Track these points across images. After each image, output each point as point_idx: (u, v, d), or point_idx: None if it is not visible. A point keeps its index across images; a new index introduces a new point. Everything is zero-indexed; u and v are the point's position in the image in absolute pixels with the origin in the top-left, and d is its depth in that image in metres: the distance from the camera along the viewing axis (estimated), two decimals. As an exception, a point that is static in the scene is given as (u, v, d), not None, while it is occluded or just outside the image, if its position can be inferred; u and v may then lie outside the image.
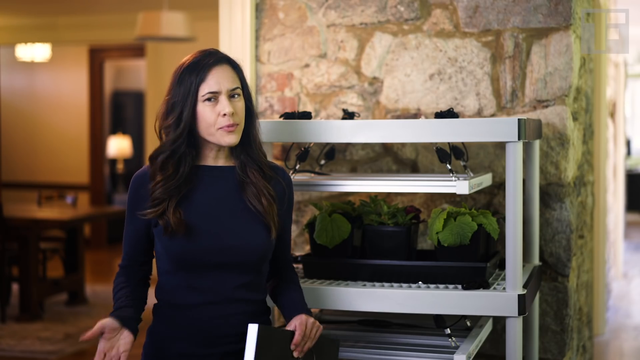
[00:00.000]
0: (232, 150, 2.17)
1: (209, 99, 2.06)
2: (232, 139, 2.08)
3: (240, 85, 2.12)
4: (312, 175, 2.74)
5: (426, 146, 3.06)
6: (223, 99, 2.07)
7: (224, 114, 2.05)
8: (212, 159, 2.14)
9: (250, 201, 2.11)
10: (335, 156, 3.09)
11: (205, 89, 2.06)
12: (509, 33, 2.96)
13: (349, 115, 2.83)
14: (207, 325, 2.07)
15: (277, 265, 2.26)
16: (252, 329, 1.98)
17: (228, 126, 2.06)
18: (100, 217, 7.56)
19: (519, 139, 2.30)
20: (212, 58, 2.09)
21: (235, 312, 2.09)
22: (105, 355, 2.00)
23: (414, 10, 3.06)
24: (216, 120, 2.06)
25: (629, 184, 11.40)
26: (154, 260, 2.19)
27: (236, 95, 2.10)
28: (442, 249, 2.47)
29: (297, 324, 2.09)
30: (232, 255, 2.07)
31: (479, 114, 3.00)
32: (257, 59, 3.24)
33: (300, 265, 2.77)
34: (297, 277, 2.31)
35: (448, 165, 2.51)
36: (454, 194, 2.98)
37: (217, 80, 2.06)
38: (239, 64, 2.16)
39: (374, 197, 2.63)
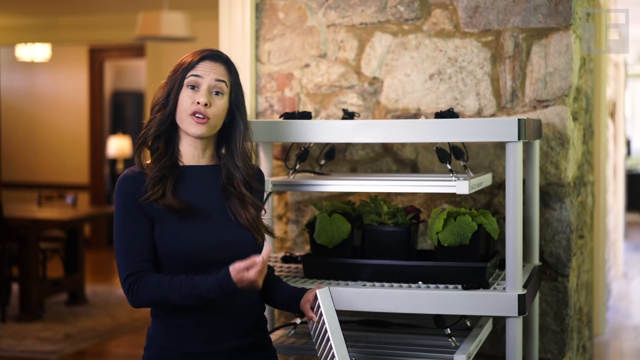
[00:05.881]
0: (217, 151, 2.19)
1: (191, 86, 2.10)
2: (198, 129, 2.09)
3: (227, 84, 2.14)
4: (312, 175, 2.74)
5: (426, 146, 3.06)
6: (203, 88, 2.10)
7: (198, 102, 2.08)
8: (196, 158, 2.16)
9: (234, 213, 2.12)
10: (335, 156, 3.09)
11: (190, 73, 2.10)
12: (509, 33, 2.96)
13: (349, 115, 2.83)
14: (210, 323, 2.07)
15: None
16: (325, 292, 2.10)
17: (197, 114, 2.08)
18: (100, 217, 7.56)
19: (519, 139, 2.30)
20: (209, 52, 2.14)
21: (237, 307, 2.09)
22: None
23: (414, 10, 3.06)
24: (189, 106, 2.09)
25: (629, 184, 11.40)
26: None
27: (219, 93, 2.12)
28: (442, 249, 2.47)
29: (322, 287, 2.16)
30: (231, 250, 2.08)
31: (479, 114, 3.00)
32: (257, 59, 3.24)
33: (300, 265, 2.78)
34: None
35: (448, 165, 2.51)
36: (454, 194, 2.98)
37: (204, 69, 2.11)
38: (236, 68, 2.18)
39: (374, 197, 2.63)
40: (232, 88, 2.15)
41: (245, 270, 1.96)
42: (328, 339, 2.07)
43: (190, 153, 2.15)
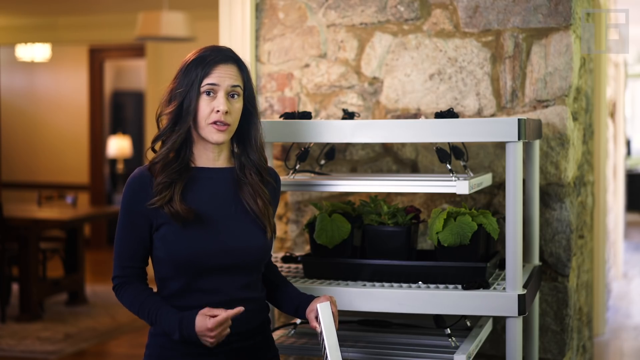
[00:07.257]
0: (233, 152, 2.18)
1: (207, 92, 2.07)
2: (220, 137, 2.08)
3: (242, 86, 2.12)
4: (312, 175, 2.74)
5: (426, 146, 3.06)
6: (221, 95, 2.07)
7: (218, 111, 2.06)
8: (212, 161, 2.14)
9: (247, 201, 2.12)
10: (335, 156, 3.09)
11: (206, 81, 2.07)
12: (509, 33, 2.96)
13: (349, 115, 2.83)
14: (211, 325, 2.07)
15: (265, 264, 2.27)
16: (325, 306, 2.12)
17: (218, 123, 2.07)
18: (100, 217, 7.56)
19: (519, 139, 2.30)
20: (220, 54, 2.10)
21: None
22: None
23: (414, 10, 3.06)
24: (209, 114, 2.07)
25: (629, 184, 11.39)
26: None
27: (235, 96, 2.10)
28: (442, 249, 2.47)
29: (328, 297, 2.16)
30: (235, 257, 2.07)
31: (479, 114, 3.00)
32: (257, 59, 3.24)
33: (300, 265, 2.78)
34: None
35: (448, 165, 2.51)
36: (454, 194, 2.98)
37: (219, 75, 2.08)
38: (247, 65, 2.16)
39: (374, 197, 2.63)
40: (245, 87, 2.14)
41: (210, 315, 1.97)
42: (327, 356, 2.09)
43: (205, 156, 2.14)
